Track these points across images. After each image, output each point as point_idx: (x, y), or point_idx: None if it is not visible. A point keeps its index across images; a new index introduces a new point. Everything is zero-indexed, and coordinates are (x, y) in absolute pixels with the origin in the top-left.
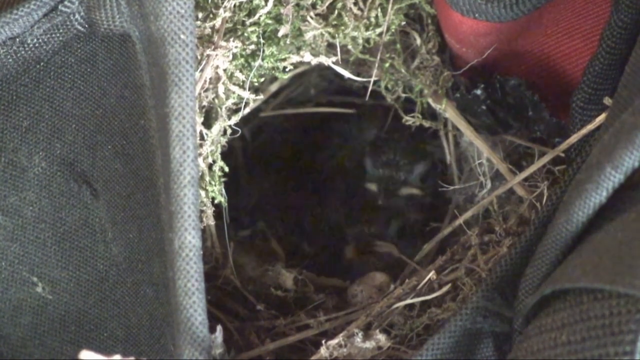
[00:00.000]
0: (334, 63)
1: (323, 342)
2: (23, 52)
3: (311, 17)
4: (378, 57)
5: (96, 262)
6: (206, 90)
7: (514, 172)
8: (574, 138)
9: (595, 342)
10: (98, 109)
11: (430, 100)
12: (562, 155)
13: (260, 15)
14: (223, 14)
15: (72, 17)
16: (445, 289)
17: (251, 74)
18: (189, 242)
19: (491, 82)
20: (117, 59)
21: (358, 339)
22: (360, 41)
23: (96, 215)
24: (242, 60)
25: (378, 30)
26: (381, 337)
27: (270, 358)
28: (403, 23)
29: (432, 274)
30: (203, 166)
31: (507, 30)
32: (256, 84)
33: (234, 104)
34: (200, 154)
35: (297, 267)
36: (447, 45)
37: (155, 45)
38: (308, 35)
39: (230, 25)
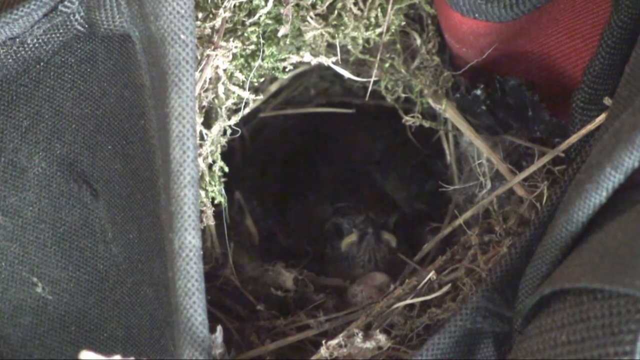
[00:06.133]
0: (334, 63)
1: (323, 342)
2: (23, 52)
3: (311, 17)
4: (378, 57)
5: (96, 262)
6: (206, 91)
7: (514, 172)
8: (574, 138)
9: (595, 342)
10: (98, 109)
11: (430, 101)
12: (562, 155)
13: (260, 16)
14: (223, 14)
15: (72, 17)
16: (445, 289)
17: (251, 74)
18: (189, 242)
19: (491, 82)
20: (117, 59)
21: (358, 339)
22: (360, 41)
23: (96, 215)
24: (242, 60)
25: (378, 31)
26: (381, 337)
27: (270, 358)
28: (403, 23)
29: (432, 274)
30: (203, 166)
31: (507, 30)
32: (256, 84)
33: (234, 104)
34: (200, 154)
35: (297, 267)
36: (447, 45)
37: (155, 45)
38: (308, 36)
39: (230, 25)
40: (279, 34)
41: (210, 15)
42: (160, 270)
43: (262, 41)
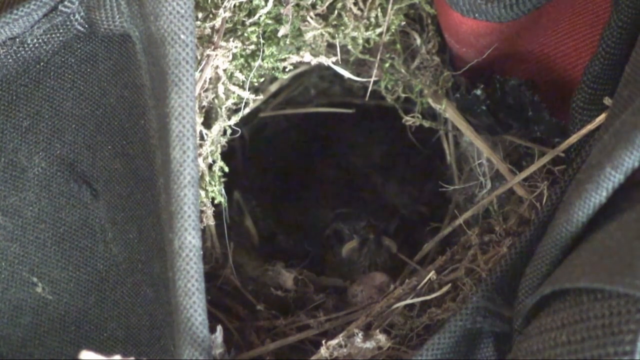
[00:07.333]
0: (334, 63)
1: (323, 342)
2: (23, 52)
3: (311, 17)
4: (378, 57)
5: (96, 262)
6: (206, 90)
7: (514, 172)
8: (574, 138)
9: (595, 342)
10: (98, 109)
11: (430, 101)
12: (562, 155)
13: (260, 15)
14: (223, 14)
15: (72, 17)
16: (445, 289)
17: (251, 74)
18: (189, 242)
19: (491, 82)
20: (117, 59)
21: (358, 339)
22: (360, 41)
23: (96, 215)
24: (242, 60)
25: (378, 31)
26: (381, 337)
27: (270, 358)
28: (403, 23)
29: (432, 274)
30: (203, 166)
31: (507, 30)
32: (256, 84)
33: (234, 104)
34: (200, 154)
35: (297, 267)
36: (447, 45)
37: (155, 45)
38: (308, 36)
39: (230, 25)
40: (279, 34)
41: (210, 15)
42: (160, 270)
43: (262, 41)
